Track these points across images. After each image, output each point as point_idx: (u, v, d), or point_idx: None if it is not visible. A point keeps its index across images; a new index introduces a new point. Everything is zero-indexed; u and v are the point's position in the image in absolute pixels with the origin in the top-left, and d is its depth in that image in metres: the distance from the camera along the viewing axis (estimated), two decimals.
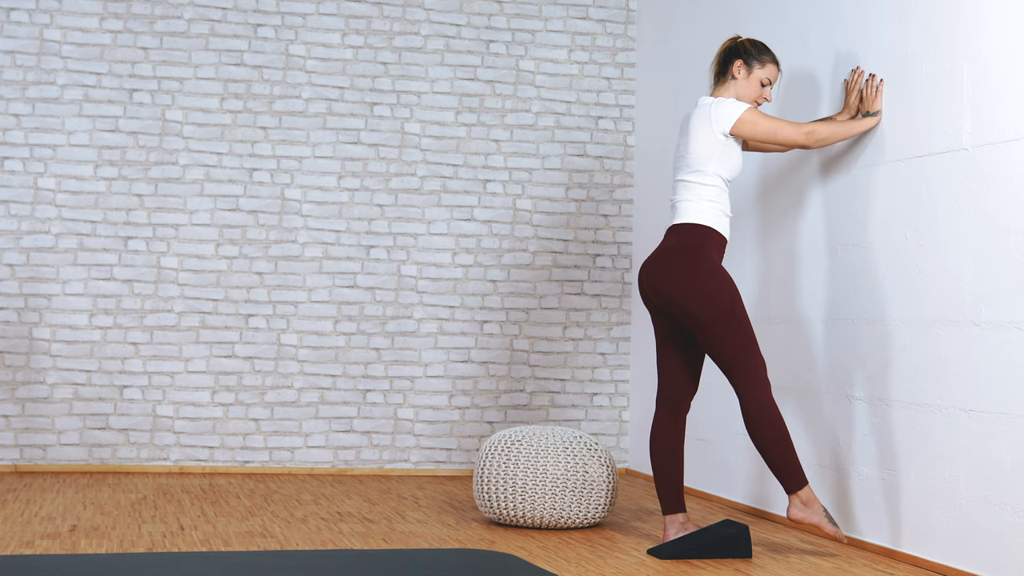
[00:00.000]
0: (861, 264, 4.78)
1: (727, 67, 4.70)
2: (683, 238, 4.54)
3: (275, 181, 6.56)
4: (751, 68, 4.67)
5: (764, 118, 4.57)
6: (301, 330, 6.56)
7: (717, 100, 4.60)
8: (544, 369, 6.80)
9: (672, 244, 4.56)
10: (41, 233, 6.35)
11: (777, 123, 4.59)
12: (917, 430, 4.43)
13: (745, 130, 4.55)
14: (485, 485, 5.01)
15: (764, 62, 4.68)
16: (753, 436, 4.46)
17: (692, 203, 4.57)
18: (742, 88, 4.68)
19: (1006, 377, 4.02)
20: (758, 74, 4.67)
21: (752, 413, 4.45)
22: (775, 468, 4.47)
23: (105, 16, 6.43)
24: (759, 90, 4.69)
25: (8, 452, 6.29)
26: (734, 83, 4.68)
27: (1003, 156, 4.06)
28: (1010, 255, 4.02)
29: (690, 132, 4.61)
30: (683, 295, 4.47)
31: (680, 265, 4.50)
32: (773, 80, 4.70)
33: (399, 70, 6.70)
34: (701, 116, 4.59)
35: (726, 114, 4.54)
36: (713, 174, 4.56)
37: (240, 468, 6.49)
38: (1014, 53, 4.03)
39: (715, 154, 4.55)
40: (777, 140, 4.61)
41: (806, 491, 4.47)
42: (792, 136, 4.61)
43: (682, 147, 4.64)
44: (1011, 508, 3.98)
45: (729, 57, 4.70)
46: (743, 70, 4.67)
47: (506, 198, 6.79)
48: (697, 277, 4.47)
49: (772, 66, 4.69)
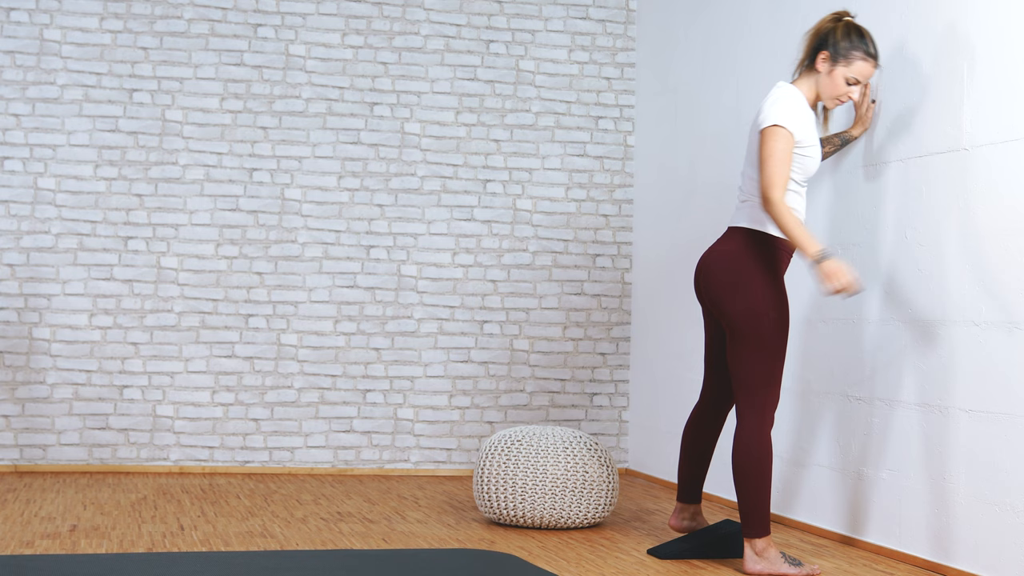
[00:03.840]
0: (862, 264, 4.78)
1: (814, 57, 4.26)
2: (746, 245, 4.22)
3: (275, 181, 6.56)
4: (835, 63, 4.22)
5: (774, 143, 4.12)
6: (301, 330, 6.56)
7: (775, 96, 4.21)
8: (544, 369, 6.80)
9: (732, 248, 4.24)
10: (41, 233, 6.35)
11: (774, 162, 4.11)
12: (917, 430, 4.43)
13: (760, 139, 4.17)
14: (485, 485, 5.01)
15: (851, 59, 4.21)
16: (737, 467, 4.18)
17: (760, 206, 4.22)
18: (824, 84, 4.25)
19: (1006, 377, 4.02)
20: (842, 71, 4.22)
21: (745, 444, 4.16)
22: (745, 506, 4.18)
23: (105, 16, 6.43)
24: (842, 88, 4.24)
25: (8, 452, 6.29)
26: (817, 76, 4.26)
27: (1003, 156, 4.06)
28: (1010, 255, 4.02)
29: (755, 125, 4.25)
30: (732, 304, 4.18)
31: (740, 274, 4.20)
32: (863, 78, 4.24)
33: (399, 70, 6.70)
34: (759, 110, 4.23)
35: (765, 116, 4.18)
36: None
37: (240, 468, 6.49)
38: (1014, 53, 4.03)
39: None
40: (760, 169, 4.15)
41: (764, 541, 4.17)
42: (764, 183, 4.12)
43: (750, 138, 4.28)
44: (1011, 508, 3.98)
45: (819, 46, 4.24)
46: (827, 64, 4.23)
47: (506, 198, 6.79)
48: (752, 292, 4.17)
49: (862, 63, 4.22)
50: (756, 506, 4.17)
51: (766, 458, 4.16)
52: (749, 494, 4.17)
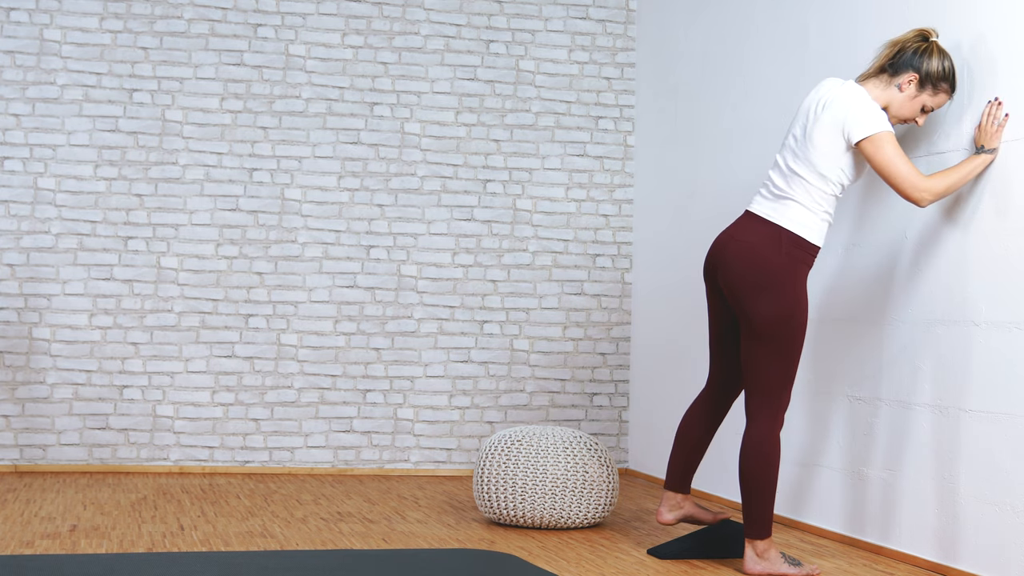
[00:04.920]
0: (861, 264, 4.78)
1: (900, 71, 4.11)
2: (783, 247, 4.08)
3: (275, 181, 6.56)
4: (923, 89, 4.12)
5: (890, 147, 4.01)
6: (301, 330, 6.56)
7: (860, 102, 4.06)
8: (544, 369, 6.80)
9: (767, 246, 4.09)
10: (41, 233, 6.35)
11: (900, 162, 4.01)
12: (917, 430, 4.43)
13: (867, 150, 4.02)
14: (485, 485, 5.01)
15: (939, 90, 4.12)
16: (745, 468, 4.14)
17: (806, 211, 4.09)
18: (900, 103, 4.14)
19: (1006, 377, 4.02)
20: (925, 99, 4.14)
21: (755, 446, 4.12)
22: (750, 507, 4.15)
23: (105, 16, 6.43)
24: (916, 113, 4.16)
25: (8, 452, 6.29)
26: (895, 92, 4.13)
27: (1004, 156, 4.06)
28: (1011, 255, 4.01)
29: (820, 122, 4.07)
30: (758, 305, 4.08)
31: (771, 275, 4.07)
32: (937, 108, 4.18)
33: (399, 70, 6.69)
34: (836, 111, 4.05)
35: (863, 124, 4.02)
36: (837, 182, 4.09)
37: (240, 468, 6.49)
38: (1015, 53, 4.03)
39: (841, 159, 4.07)
40: (887, 178, 4.04)
41: (766, 542, 4.16)
42: (905, 185, 4.02)
43: (806, 133, 4.10)
44: (1011, 508, 3.98)
45: (909, 63, 4.11)
46: (913, 87, 4.12)
47: (506, 198, 6.79)
48: (783, 296, 4.07)
49: (945, 96, 4.15)
50: (761, 508, 4.14)
51: (775, 461, 4.12)
52: (755, 496, 4.14)
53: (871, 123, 4.02)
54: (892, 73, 4.13)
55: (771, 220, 4.11)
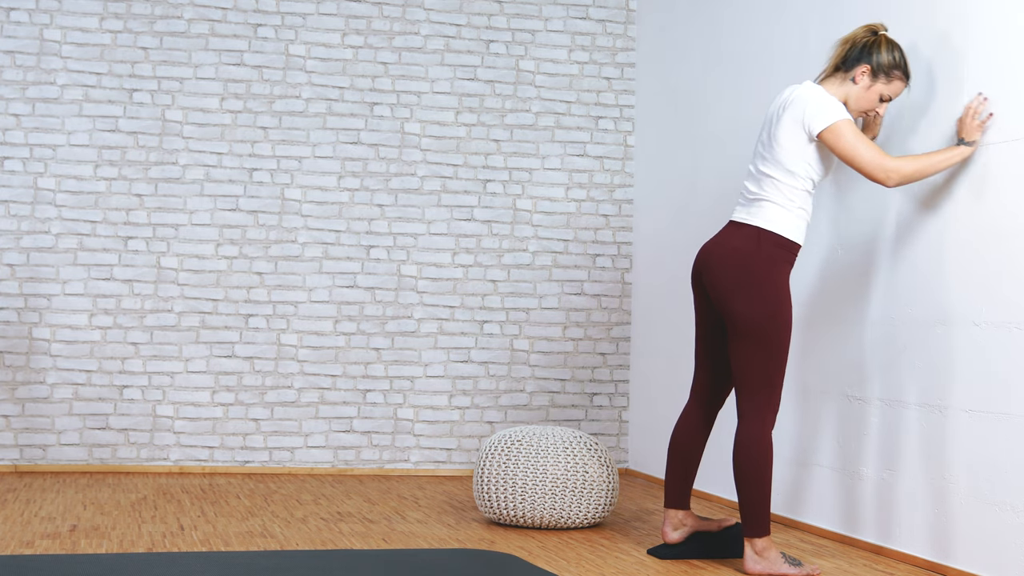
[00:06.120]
0: (861, 264, 4.78)
1: (853, 66, 4.23)
2: (763, 247, 4.17)
3: (275, 181, 6.56)
4: (876, 79, 4.22)
5: (851, 134, 4.12)
6: (301, 330, 6.56)
7: (818, 97, 4.17)
8: (544, 369, 6.80)
9: (748, 248, 4.19)
10: (41, 233, 6.35)
11: (862, 146, 4.12)
12: (917, 430, 4.43)
13: (829, 139, 4.13)
14: (485, 485, 5.01)
15: (892, 77, 4.22)
16: (738, 467, 4.18)
17: (780, 208, 4.19)
18: (856, 96, 4.25)
19: (1006, 377, 4.02)
20: (881, 88, 4.23)
21: (747, 444, 4.16)
22: (746, 506, 4.18)
23: (105, 16, 6.43)
24: (874, 104, 4.26)
25: (8, 452, 6.29)
26: (851, 87, 4.24)
27: (1004, 156, 4.06)
28: (1010, 255, 4.02)
29: (781, 122, 4.19)
30: (742, 304, 4.15)
31: (753, 275, 4.16)
32: (895, 97, 4.27)
33: (399, 70, 6.70)
34: (796, 109, 4.17)
35: (821, 116, 4.13)
36: (806, 177, 4.19)
37: (240, 468, 6.49)
38: (1014, 53, 4.03)
39: (805, 155, 4.17)
40: (853, 164, 4.15)
41: (764, 541, 4.18)
42: (869, 167, 4.13)
43: (770, 135, 4.23)
44: (1011, 508, 3.98)
45: (860, 57, 4.22)
46: (866, 78, 4.23)
47: (506, 198, 6.79)
48: (765, 294, 4.14)
49: (900, 83, 4.24)
50: (757, 506, 4.16)
51: (767, 458, 4.15)
52: (750, 494, 4.17)
53: (829, 114, 4.14)
54: (846, 69, 4.25)
55: (749, 223, 4.22)
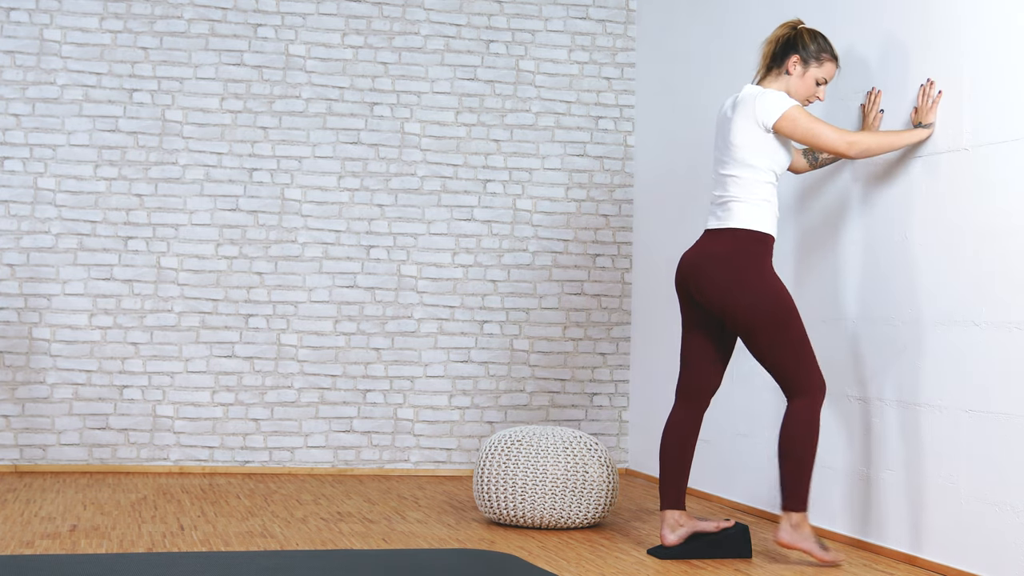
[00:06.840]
0: (861, 264, 4.78)
1: (783, 60, 4.42)
2: (739, 244, 4.31)
3: (275, 181, 6.56)
4: (807, 66, 4.40)
5: (806, 118, 4.31)
6: (301, 330, 6.56)
7: (763, 92, 4.35)
8: (544, 369, 6.80)
9: (726, 250, 4.32)
10: (41, 233, 6.35)
11: (819, 125, 4.31)
12: (917, 430, 4.43)
13: (786, 127, 4.31)
14: (485, 485, 5.01)
15: (822, 60, 4.40)
16: (783, 442, 4.30)
17: (746, 204, 4.34)
18: (795, 85, 4.42)
19: (1006, 377, 4.02)
20: (814, 72, 4.41)
21: (793, 422, 4.29)
22: (788, 480, 4.30)
23: (105, 16, 6.43)
24: (813, 89, 4.43)
25: (8, 452, 6.29)
26: (787, 78, 4.42)
27: (1003, 156, 4.06)
28: (1010, 255, 4.02)
29: (733, 124, 4.36)
30: (738, 300, 4.27)
31: (739, 271, 4.29)
32: (830, 79, 4.44)
33: (399, 70, 6.70)
34: (745, 107, 4.34)
35: (771, 108, 4.30)
36: (766, 169, 4.34)
37: (240, 468, 6.49)
38: (1013, 53, 4.03)
39: (763, 148, 4.34)
40: (816, 143, 4.33)
41: (800, 516, 4.30)
42: (832, 142, 4.34)
43: (725, 139, 4.39)
44: (1011, 508, 3.98)
45: (786, 50, 4.42)
46: (799, 67, 4.41)
47: (506, 198, 6.79)
48: (755, 283, 4.27)
49: (830, 64, 4.43)
50: (798, 481, 4.30)
51: (812, 436, 4.29)
52: (792, 469, 4.30)
53: (778, 104, 4.32)
54: (778, 65, 4.45)
55: (722, 227, 4.36)
